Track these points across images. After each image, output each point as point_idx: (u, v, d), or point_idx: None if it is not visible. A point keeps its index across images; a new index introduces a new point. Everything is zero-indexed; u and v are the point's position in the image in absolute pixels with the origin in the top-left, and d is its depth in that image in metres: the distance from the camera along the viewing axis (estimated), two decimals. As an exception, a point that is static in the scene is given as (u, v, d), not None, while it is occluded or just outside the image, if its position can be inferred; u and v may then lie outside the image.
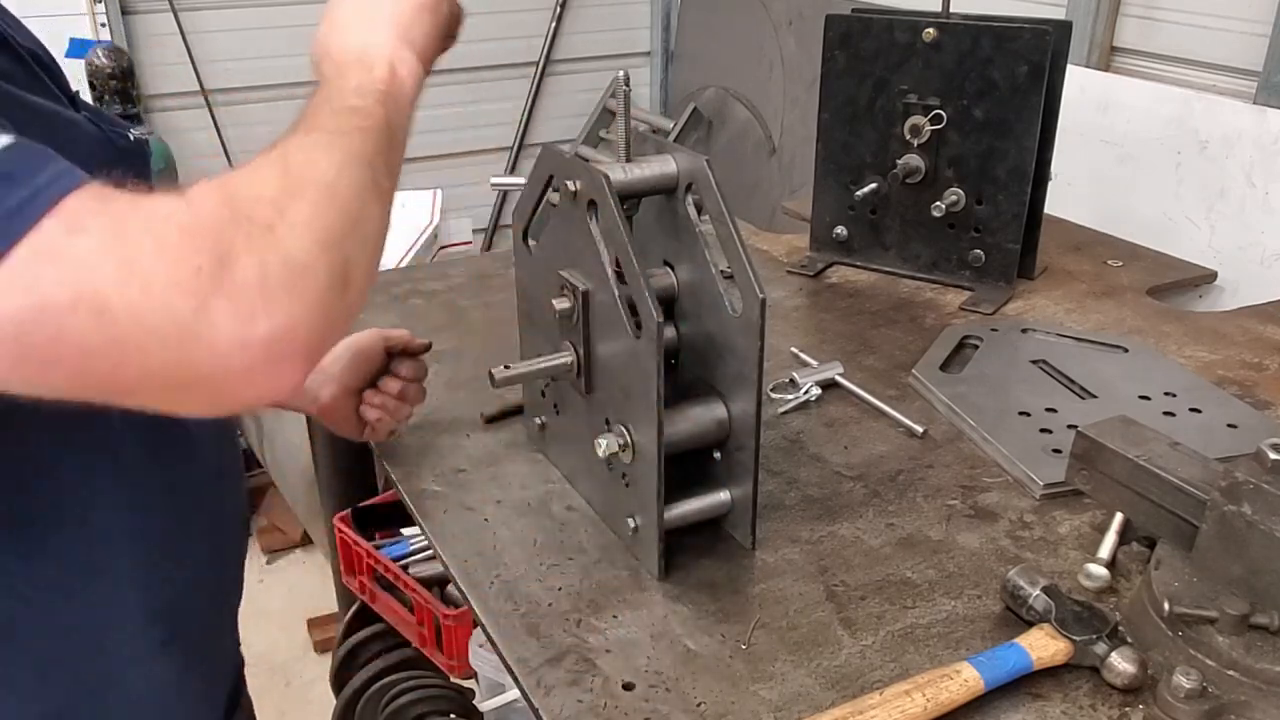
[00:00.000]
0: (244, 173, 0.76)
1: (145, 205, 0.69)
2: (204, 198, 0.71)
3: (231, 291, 0.67)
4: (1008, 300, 1.86)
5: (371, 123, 0.86)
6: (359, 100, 0.89)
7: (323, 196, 0.76)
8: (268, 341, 0.68)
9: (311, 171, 0.77)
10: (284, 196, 0.74)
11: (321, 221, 0.74)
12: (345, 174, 0.79)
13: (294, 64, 3.86)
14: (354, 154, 0.82)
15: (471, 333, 1.74)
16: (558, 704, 1.00)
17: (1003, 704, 1.00)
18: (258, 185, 0.74)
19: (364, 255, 0.78)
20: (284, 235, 0.71)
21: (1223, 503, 1.02)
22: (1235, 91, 2.24)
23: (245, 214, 0.70)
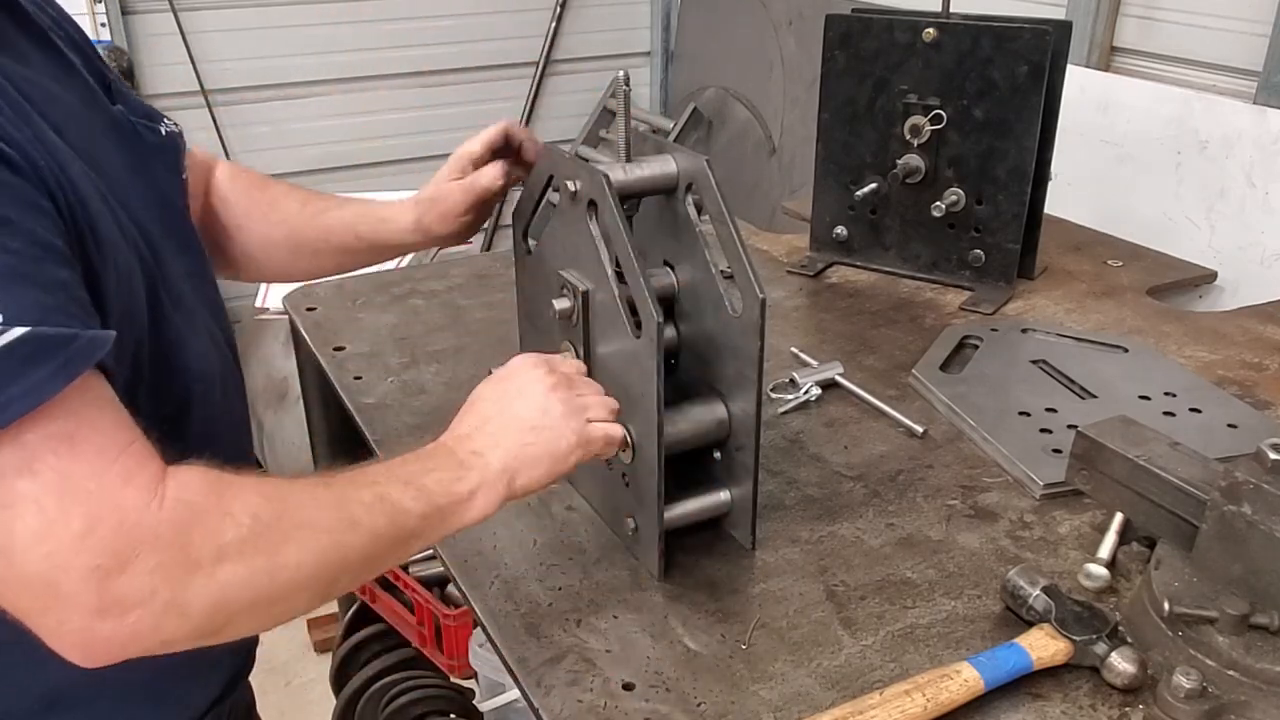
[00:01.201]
0: (232, 495, 0.79)
1: (106, 481, 0.73)
2: (176, 501, 0.76)
3: (106, 600, 0.73)
4: (1008, 300, 1.86)
5: (397, 533, 0.89)
6: (414, 503, 0.91)
7: (262, 578, 0.80)
8: (107, 643, 0.75)
9: (286, 549, 0.81)
10: (238, 549, 0.78)
11: (241, 594, 0.79)
12: (310, 568, 0.83)
13: (294, 64, 3.87)
14: (333, 558, 0.85)
15: (471, 333, 1.74)
16: (558, 704, 1.00)
17: (1003, 704, 1.00)
18: (237, 511, 0.78)
19: (253, 627, 0.83)
20: (197, 586, 0.76)
21: (1223, 503, 1.02)
22: (1235, 91, 2.24)
23: (184, 544, 0.75)
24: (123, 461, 0.75)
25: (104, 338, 0.77)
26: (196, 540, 0.76)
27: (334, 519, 0.85)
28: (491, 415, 1.01)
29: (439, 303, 1.85)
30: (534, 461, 0.99)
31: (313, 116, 3.95)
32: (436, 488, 0.93)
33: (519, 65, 4.28)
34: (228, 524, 0.78)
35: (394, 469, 0.93)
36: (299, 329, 1.76)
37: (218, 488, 0.79)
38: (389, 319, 1.78)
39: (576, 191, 1.13)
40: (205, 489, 0.78)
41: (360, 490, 0.88)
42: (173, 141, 1.10)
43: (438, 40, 4.05)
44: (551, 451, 1.00)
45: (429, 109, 4.12)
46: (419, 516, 0.91)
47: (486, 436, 0.99)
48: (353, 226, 1.35)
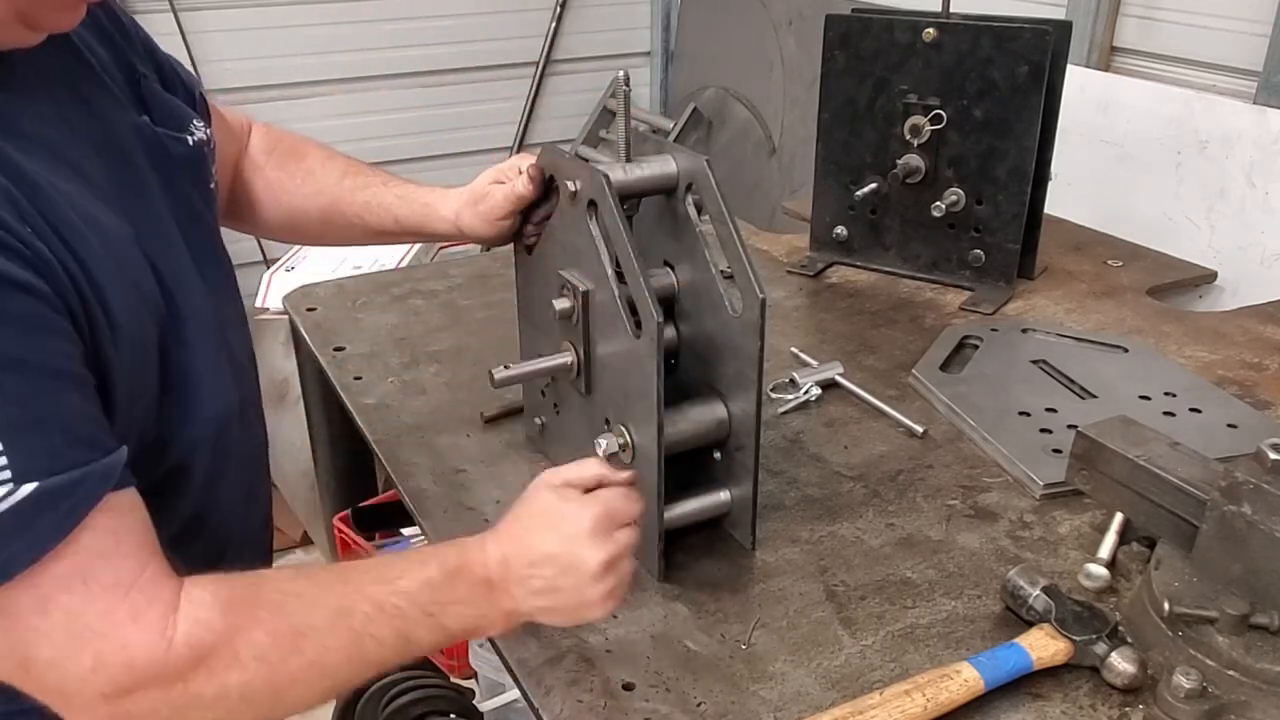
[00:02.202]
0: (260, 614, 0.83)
1: (120, 612, 0.77)
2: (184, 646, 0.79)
3: (115, 713, 0.78)
4: (1008, 300, 1.86)
5: (399, 658, 0.91)
6: (429, 635, 0.91)
7: (262, 710, 0.84)
8: None
9: (291, 691, 0.85)
10: (240, 692, 0.82)
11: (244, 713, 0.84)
12: (313, 700, 0.87)
13: (294, 64, 3.87)
14: (345, 684, 0.89)
15: (471, 333, 1.74)
16: (558, 704, 1.00)
17: (1003, 704, 1.00)
18: (245, 655, 0.81)
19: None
20: (192, 716, 0.81)
21: (1223, 503, 1.02)
22: (1235, 91, 2.24)
23: (189, 679, 0.79)
24: (133, 598, 0.78)
25: (112, 465, 0.79)
26: (200, 681, 0.80)
27: (345, 659, 0.87)
28: (535, 564, 0.96)
29: (439, 303, 1.85)
30: (556, 618, 1.00)
31: (313, 116, 3.94)
32: (456, 624, 0.93)
33: (519, 65, 4.28)
34: (231, 667, 0.81)
35: (425, 591, 0.91)
36: (299, 329, 1.76)
37: (228, 626, 0.81)
38: (389, 319, 1.78)
39: (576, 191, 1.13)
40: (215, 630, 0.81)
41: (382, 624, 0.88)
42: (199, 151, 1.08)
43: (438, 40, 4.05)
44: (575, 617, 1.00)
45: (429, 109, 4.11)
46: (429, 645, 0.93)
47: (524, 582, 0.95)
48: (391, 209, 1.34)
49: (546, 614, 0.97)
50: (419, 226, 1.34)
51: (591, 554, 0.95)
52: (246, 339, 1.17)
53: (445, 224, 1.31)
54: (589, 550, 0.95)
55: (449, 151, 4.18)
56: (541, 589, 0.95)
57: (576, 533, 0.96)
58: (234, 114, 1.36)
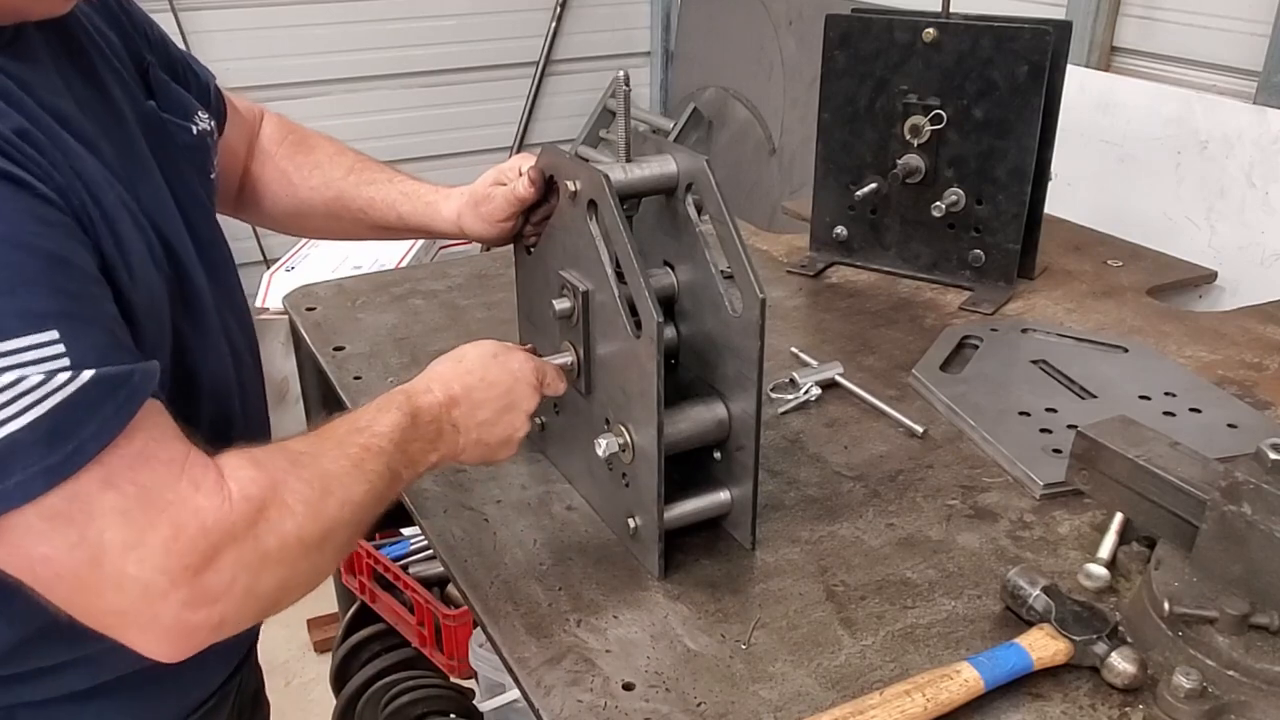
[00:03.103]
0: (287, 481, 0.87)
1: (180, 488, 0.80)
2: (239, 499, 0.82)
3: (196, 593, 0.80)
4: (1008, 300, 1.86)
5: (390, 494, 0.98)
6: (406, 471, 1.00)
7: (318, 552, 0.88)
8: (194, 636, 0.82)
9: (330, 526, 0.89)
10: (296, 535, 0.86)
11: (300, 571, 0.87)
12: (346, 535, 0.92)
13: (294, 64, 3.87)
14: (365, 520, 0.95)
15: (471, 333, 1.73)
16: (558, 704, 1.00)
17: (1003, 704, 1.00)
18: (284, 513, 0.85)
19: (304, 593, 0.90)
20: (268, 572, 0.84)
21: (1223, 503, 1.02)
22: (1235, 91, 2.24)
23: (256, 534, 0.83)
24: (189, 471, 0.81)
25: (153, 369, 0.82)
26: (263, 533, 0.83)
27: (364, 495, 0.93)
28: (482, 400, 1.08)
29: (439, 303, 1.85)
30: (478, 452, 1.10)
31: (313, 116, 3.92)
32: (420, 459, 1.03)
33: (519, 65, 4.28)
34: (285, 515, 0.85)
35: (394, 433, 0.99)
36: (299, 329, 1.76)
37: (271, 480, 0.85)
38: (389, 319, 1.78)
39: (576, 191, 1.13)
40: (262, 483, 0.84)
41: (371, 460, 0.95)
42: (203, 141, 1.11)
43: (438, 40, 4.05)
44: (491, 455, 1.12)
45: (429, 109, 4.12)
46: (405, 481, 1.02)
47: (475, 415, 1.07)
48: (395, 206, 1.37)
49: (478, 448, 1.09)
50: (422, 224, 1.36)
51: (528, 396, 1.11)
52: (249, 332, 1.17)
53: (447, 224, 1.33)
54: (527, 391, 1.10)
55: (449, 151, 4.18)
56: (484, 422, 1.08)
57: (521, 375, 1.10)
58: (246, 103, 1.39)
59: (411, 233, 1.39)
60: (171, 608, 0.79)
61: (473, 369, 1.08)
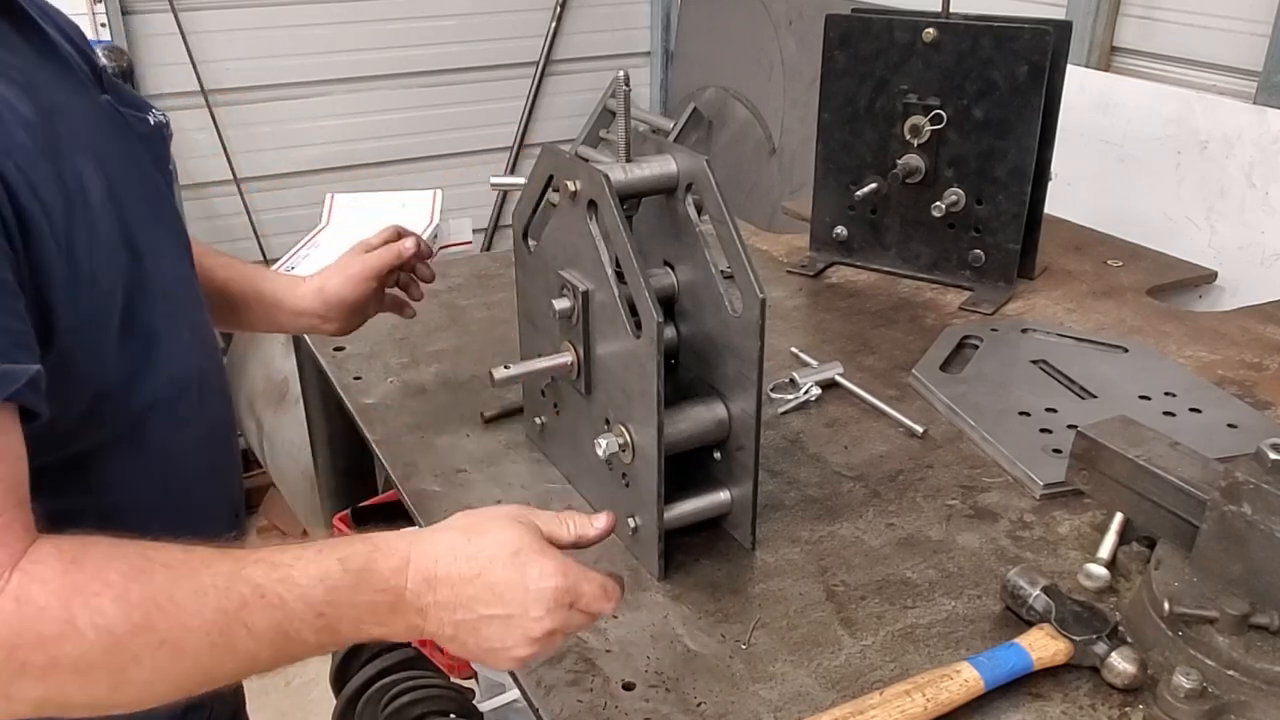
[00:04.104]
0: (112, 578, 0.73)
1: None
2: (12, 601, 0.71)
3: None
4: (1008, 300, 1.86)
5: (278, 658, 0.80)
6: (315, 636, 0.81)
7: (100, 688, 0.74)
8: None
9: (135, 669, 0.74)
10: (73, 663, 0.72)
11: (74, 700, 0.74)
12: (163, 687, 0.77)
13: (294, 64, 3.87)
14: (207, 678, 0.78)
15: (471, 333, 1.74)
16: (558, 704, 1.00)
17: (1003, 704, 1.00)
18: (83, 623, 0.72)
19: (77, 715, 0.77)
20: (22, 686, 0.72)
21: (1223, 503, 1.02)
22: (1235, 91, 2.24)
23: (15, 644, 0.71)
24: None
25: (13, 374, 0.74)
26: (25, 644, 0.71)
27: (206, 644, 0.77)
28: (469, 599, 0.85)
29: (439, 303, 1.84)
30: (461, 650, 0.88)
31: (313, 116, 3.95)
32: (350, 628, 0.82)
33: (519, 65, 4.28)
34: (68, 635, 0.72)
35: (319, 588, 0.80)
36: (299, 329, 1.76)
37: (71, 585, 0.73)
38: (389, 319, 1.77)
39: (576, 191, 1.13)
40: (53, 587, 0.72)
41: (261, 613, 0.78)
42: (160, 132, 1.11)
43: (438, 40, 4.05)
44: (479, 658, 0.89)
45: (429, 109, 4.11)
46: (314, 646, 0.82)
47: (445, 608, 0.85)
48: (254, 282, 1.35)
49: (453, 644, 0.87)
50: (280, 299, 1.35)
51: (540, 619, 0.86)
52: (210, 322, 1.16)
53: (308, 295, 1.34)
54: (540, 613, 0.86)
55: (449, 151, 4.18)
56: (465, 622, 0.85)
57: (539, 591, 0.86)
58: None
59: (265, 310, 1.35)
60: None
61: (476, 557, 0.86)
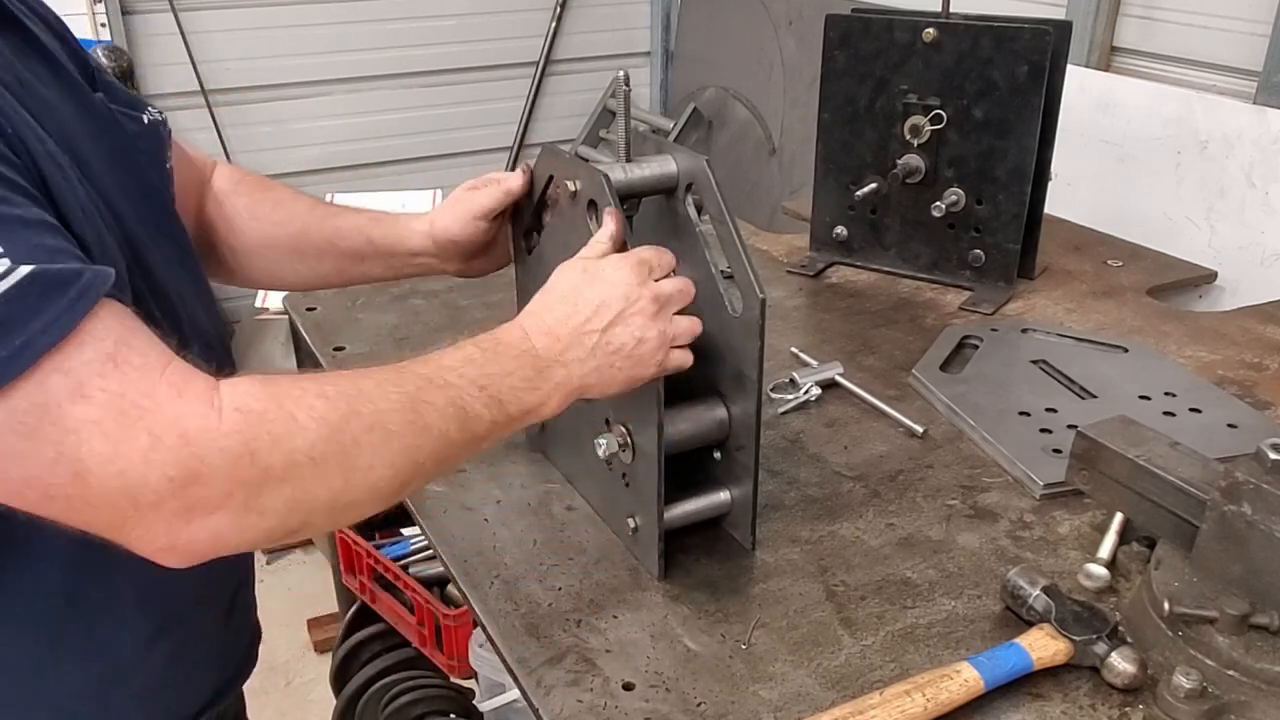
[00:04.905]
0: (295, 406, 0.78)
1: (160, 395, 0.73)
2: (230, 419, 0.75)
3: (187, 504, 0.74)
4: (1008, 300, 1.86)
5: (467, 438, 0.88)
6: (486, 409, 0.90)
7: (336, 479, 0.79)
8: (191, 547, 0.76)
9: (357, 453, 0.79)
10: (307, 454, 0.77)
11: (317, 495, 0.78)
12: (383, 470, 0.81)
13: (294, 64, 3.87)
14: (415, 459, 0.83)
15: (471, 333, 1.73)
16: (558, 704, 1.00)
17: (1003, 704, 1.00)
18: (302, 417, 0.77)
19: (329, 525, 0.82)
20: (271, 490, 0.76)
21: (1223, 503, 1.02)
22: (1235, 91, 2.24)
23: (249, 463, 0.75)
24: (169, 376, 0.75)
25: (107, 273, 0.77)
26: (263, 448, 0.76)
27: (405, 422, 0.84)
28: (583, 323, 0.98)
29: (439, 303, 1.84)
30: (611, 381, 1.00)
31: (313, 116, 3.95)
32: (510, 398, 0.92)
33: (519, 65, 4.28)
34: (294, 430, 0.77)
35: (470, 366, 0.91)
36: (299, 329, 1.76)
37: (275, 393, 0.78)
38: (389, 319, 1.78)
39: (576, 191, 1.13)
40: (262, 396, 0.77)
41: (434, 392, 0.87)
42: (154, 130, 1.08)
43: (438, 40, 4.06)
44: (632, 377, 1.00)
45: (429, 109, 4.12)
46: (489, 423, 0.90)
47: (574, 346, 0.97)
48: (364, 230, 1.32)
49: (604, 374, 0.97)
50: (393, 243, 1.31)
51: (639, 295, 0.97)
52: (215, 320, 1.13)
53: (419, 235, 1.29)
54: (635, 292, 0.97)
55: (449, 151, 4.19)
56: (597, 348, 0.96)
57: (619, 279, 0.98)
58: (198, 151, 1.33)
59: (382, 259, 1.32)
60: (163, 519, 0.74)
61: (563, 297, 1.00)
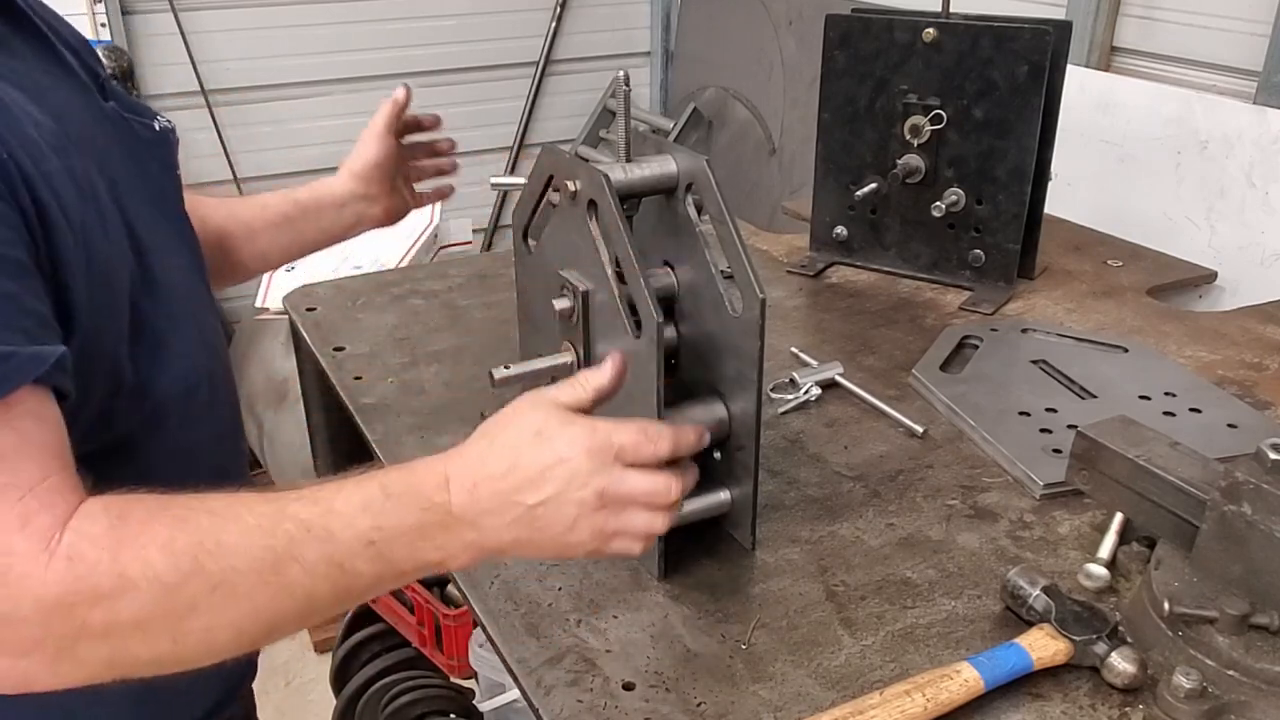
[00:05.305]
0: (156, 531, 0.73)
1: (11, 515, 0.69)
2: (64, 560, 0.70)
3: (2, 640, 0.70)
4: (1008, 300, 1.86)
5: (339, 595, 0.79)
6: (369, 566, 0.79)
7: (162, 642, 0.74)
8: (4, 676, 0.73)
9: (193, 617, 0.73)
10: (131, 618, 0.71)
11: (139, 655, 0.74)
12: (225, 633, 0.75)
13: (294, 64, 3.87)
14: (268, 621, 0.77)
15: (471, 333, 1.74)
16: (558, 704, 1.00)
17: (1003, 704, 1.00)
18: (135, 574, 0.71)
19: (165, 674, 0.76)
20: (87, 646, 0.72)
21: (1223, 503, 1.02)
22: (1235, 91, 2.24)
23: (72, 603, 0.70)
24: (27, 501, 0.71)
25: (43, 355, 0.73)
26: (83, 603, 0.71)
27: (259, 583, 0.75)
28: (512, 490, 0.84)
29: (439, 303, 1.84)
30: (533, 552, 0.88)
31: (313, 116, 3.95)
32: (405, 555, 0.81)
33: (519, 65, 4.28)
34: (122, 589, 0.71)
35: (364, 516, 0.79)
36: (299, 329, 1.76)
37: (119, 539, 0.72)
38: (389, 319, 1.78)
39: (576, 191, 1.13)
40: (103, 542, 0.72)
41: (309, 547, 0.77)
42: (165, 137, 1.11)
43: (438, 40, 4.06)
44: (555, 553, 0.89)
45: (429, 109, 4.12)
46: (372, 579, 0.81)
47: (495, 512, 0.84)
48: (289, 195, 1.45)
49: (524, 547, 0.85)
50: (319, 196, 1.47)
51: (585, 484, 0.83)
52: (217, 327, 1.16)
53: (340, 180, 1.47)
54: (583, 479, 0.83)
55: (449, 151, 4.18)
56: (518, 519, 0.83)
57: (571, 454, 0.83)
58: None
59: (309, 218, 1.46)
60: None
61: (504, 451, 0.85)
